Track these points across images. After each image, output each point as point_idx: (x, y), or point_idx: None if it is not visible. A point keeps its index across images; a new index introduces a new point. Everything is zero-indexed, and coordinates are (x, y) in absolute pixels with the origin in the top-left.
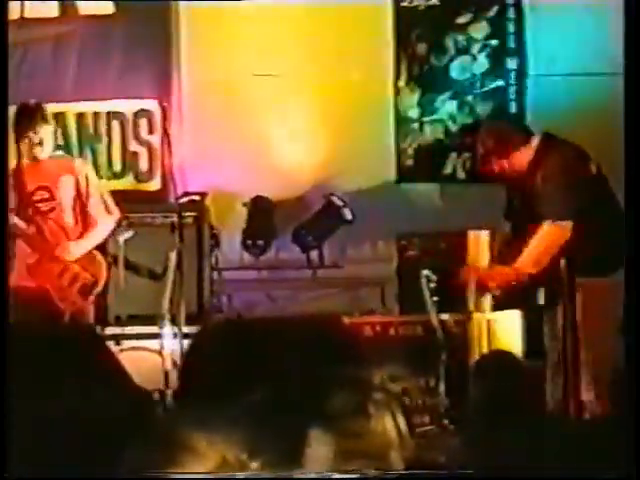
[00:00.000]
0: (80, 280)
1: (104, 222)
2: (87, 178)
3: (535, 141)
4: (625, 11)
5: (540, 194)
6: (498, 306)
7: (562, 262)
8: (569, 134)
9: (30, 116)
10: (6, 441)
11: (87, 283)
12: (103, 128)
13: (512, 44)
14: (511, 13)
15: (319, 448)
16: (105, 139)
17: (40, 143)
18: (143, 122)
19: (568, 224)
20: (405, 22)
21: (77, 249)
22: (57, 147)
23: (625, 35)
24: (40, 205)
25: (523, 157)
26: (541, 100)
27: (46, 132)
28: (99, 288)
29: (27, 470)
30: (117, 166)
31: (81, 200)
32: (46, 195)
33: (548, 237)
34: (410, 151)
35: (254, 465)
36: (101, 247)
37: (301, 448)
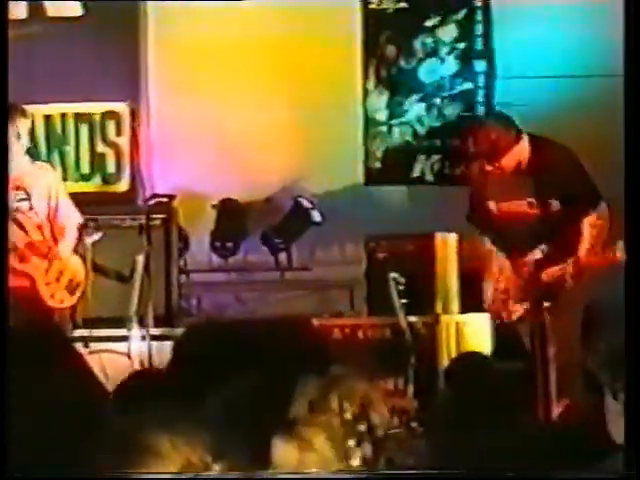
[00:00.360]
0: (65, 277)
1: (73, 226)
2: (57, 183)
3: (525, 141)
4: (625, 11)
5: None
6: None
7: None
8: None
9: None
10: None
11: (72, 280)
12: (71, 130)
13: (480, 46)
14: (479, 16)
15: (286, 449)
16: (73, 141)
17: (18, 137)
18: (111, 124)
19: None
20: (374, 24)
21: (62, 248)
22: (27, 148)
23: (625, 35)
24: (19, 204)
25: (516, 156)
26: (509, 102)
27: (23, 127)
28: (82, 287)
29: None
30: (85, 168)
31: (50, 204)
32: (24, 195)
33: (594, 225)
34: (378, 153)
35: (217, 467)
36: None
37: (268, 450)
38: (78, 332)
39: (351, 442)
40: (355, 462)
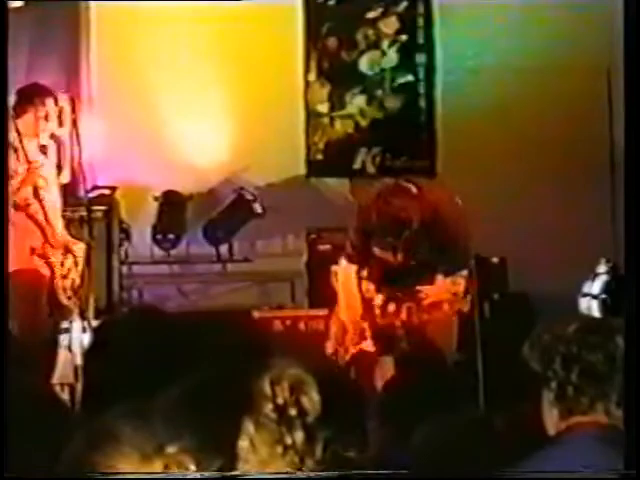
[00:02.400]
0: (72, 274)
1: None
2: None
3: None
4: (625, 10)
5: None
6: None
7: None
8: (478, 128)
9: (31, 95)
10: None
11: (75, 278)
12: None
13: (421, 39)
14: (420, 8)
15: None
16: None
17: (46, 117)
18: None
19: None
20: (315, 16)
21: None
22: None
23: (625, 33)
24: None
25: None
26: (450, 95)
27: (50, 107)
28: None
29: None
30: None
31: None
32: (43, 183)
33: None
34: (320, 145)
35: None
36: None
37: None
38: None
39: (283, 428)
40: (287, 449)
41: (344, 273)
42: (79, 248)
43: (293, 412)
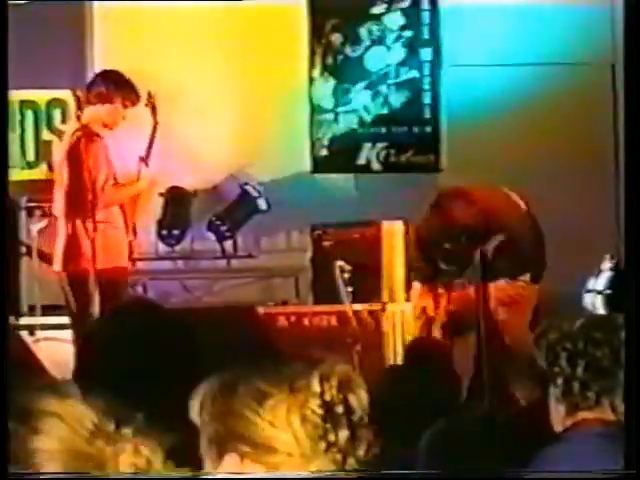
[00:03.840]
0: None
1: None
2: None
3: None
4: (625, 9)
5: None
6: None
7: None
8: (483, 124)
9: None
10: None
11: None
12: (16, 117)
13: (426, 35)
14: (425, 4)
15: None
16: (18, 128)
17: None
18: (57, 112)
19: None
20: (320, 12)
21: None
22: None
23: (625, 30)
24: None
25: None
26: (455, 91)
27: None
28: None
29: None
30: (30, 155)
31: None
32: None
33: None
34: (324, 141)
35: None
36: (14, 237)
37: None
38: (24, 320)
39: (328, 425)
40: (332, 445)
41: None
42: None
43: (340, 410)
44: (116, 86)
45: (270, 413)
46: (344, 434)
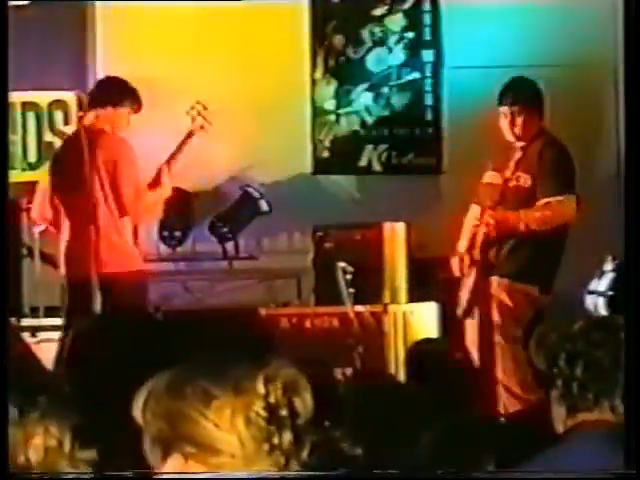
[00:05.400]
0: None
1: None
2: None
3: None
4: (625, 9)
5: (543, 172)
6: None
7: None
8: (485, 126)
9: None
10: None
11: None
12: (18, 119)
13: (428, 36)
14: (427, 5)
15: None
16: (20, 130)
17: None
18: (59, 113)
19: (572, 201)
20: (321, 14)
21: None
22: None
23: (625, 31)
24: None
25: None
26: (456, 92)
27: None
28: None
29: None
30: (32, 157)
31: None
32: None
33: (557, 206)
34: (326, 143)
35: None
36: (16, 238)
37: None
38: (26, 321)
39: (272, 427)
40: (274, 448)
41: None
42: None
43: (284, 412)
44: (124, 91)
45: (215, 414)
46: (288, 437)
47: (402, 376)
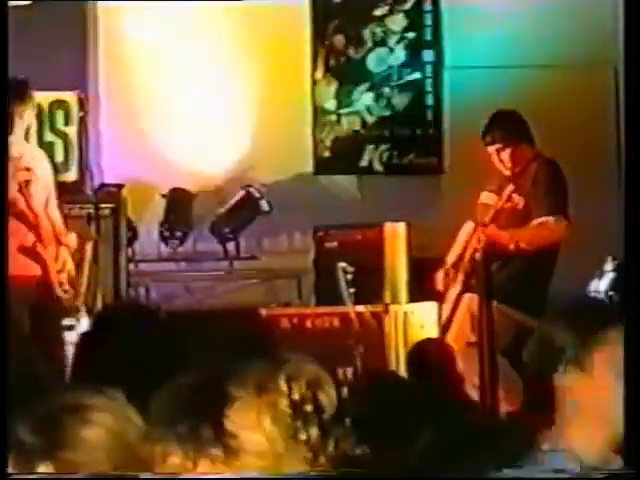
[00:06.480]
0: (67, 267)
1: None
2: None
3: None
4: (625, 9)
5: (536, 194)
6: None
7: (478, 256)
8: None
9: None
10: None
11: (71, 270)
12: None
13: (429, 36)
14: (428, 5)
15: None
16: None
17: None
18: (59, 113)
19: (563, 222)
20: (322, 14)
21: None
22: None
23: (625, 30)
24: (28, 187)
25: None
26: (457, 92)
27: (26, 109)
28: (78, 279)
29: None
30: None
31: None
32: (31, 177)
33: (549, 226)
34: (327, 143)
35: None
36: None
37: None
38: None
39: (298, 423)
40: (302, 444)
41: None
42: (72, 239)
43: (309, 408)
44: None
45: (239, 415)
46: (314, 432)
47: (402, 376)
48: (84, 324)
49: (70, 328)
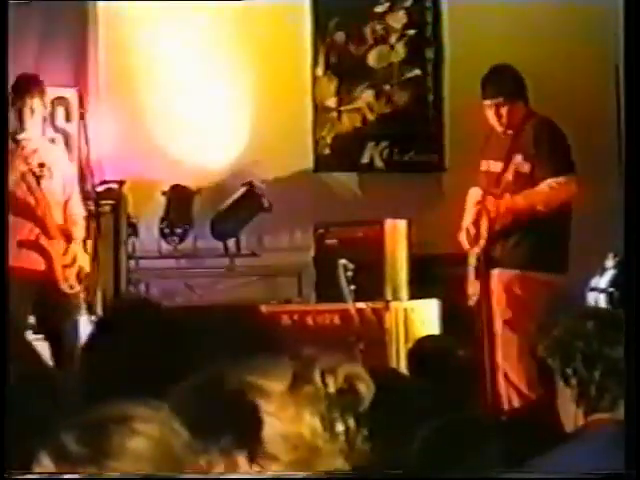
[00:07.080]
0: (77, 262)
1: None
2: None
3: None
4: (625, 9)
5: (540, 155)
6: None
7: (478, 252)
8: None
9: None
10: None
11: (82, 267)
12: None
13: (429, 33)
14: (428, 2)
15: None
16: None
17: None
18: (60, 110)
19: (573, 179)
20: (323, 11)
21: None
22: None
23: (625, 30)
24: (44, 182)
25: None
26: (458, 89)
27: (38, 104)
28: (88, 277)
29: None
30: None
31: (66, 189)
32: (46, 172)
33: (558, 186)
34: (328, 140)
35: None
36: None
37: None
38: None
39: (336, 414)
40: (339, 435)
41: None
42: (79, 231)
43: (347, 400)
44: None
45: (278, 410)
46: (351, 423)
47: (403, 373)
48: (85, 321)
49: (74, 323)
